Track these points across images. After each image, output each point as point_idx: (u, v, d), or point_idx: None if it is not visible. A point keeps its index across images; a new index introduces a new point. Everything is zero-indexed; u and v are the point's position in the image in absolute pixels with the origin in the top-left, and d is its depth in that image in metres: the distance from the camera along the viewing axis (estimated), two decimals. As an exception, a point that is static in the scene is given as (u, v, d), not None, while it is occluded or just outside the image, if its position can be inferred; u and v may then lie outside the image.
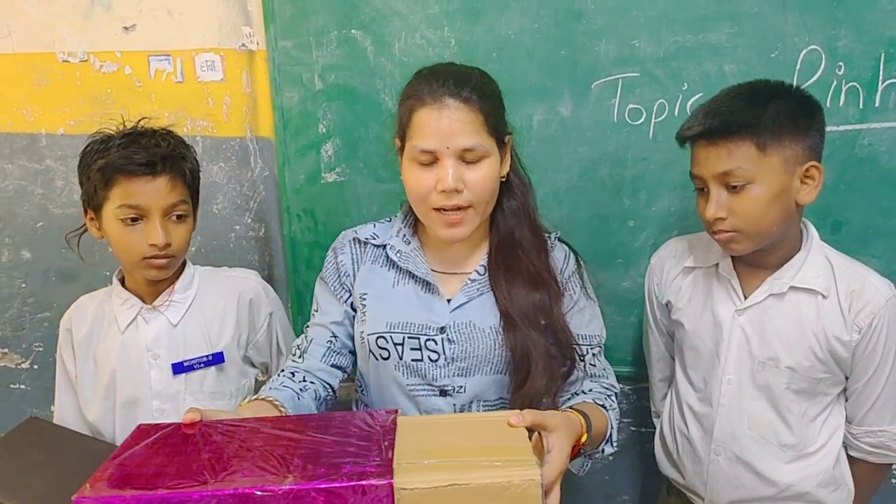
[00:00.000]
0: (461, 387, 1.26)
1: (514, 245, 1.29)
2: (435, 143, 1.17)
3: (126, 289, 1.47)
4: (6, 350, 2.05)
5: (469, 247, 1.31)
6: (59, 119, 1.86)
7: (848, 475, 1.36)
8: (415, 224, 1.35)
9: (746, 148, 1.20)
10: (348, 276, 1.35)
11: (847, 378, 1.31)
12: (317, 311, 1.38)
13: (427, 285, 1.29)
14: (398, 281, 1.31)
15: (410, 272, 1.30)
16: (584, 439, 1.11)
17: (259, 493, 0.85)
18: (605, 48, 1.54)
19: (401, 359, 1.27)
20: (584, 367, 1.29)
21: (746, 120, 1.19)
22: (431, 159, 1.19)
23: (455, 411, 1.26)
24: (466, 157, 1.18)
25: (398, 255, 1.31)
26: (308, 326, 1.38)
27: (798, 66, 1.47)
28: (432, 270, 1.30)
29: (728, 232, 1.24)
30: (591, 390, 1.29)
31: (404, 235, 1.33)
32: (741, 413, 1.34)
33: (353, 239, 1.36)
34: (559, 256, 1.33)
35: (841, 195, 1.50)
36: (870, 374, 1.28)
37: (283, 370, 1.32)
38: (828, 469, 1.33)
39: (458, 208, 1.19)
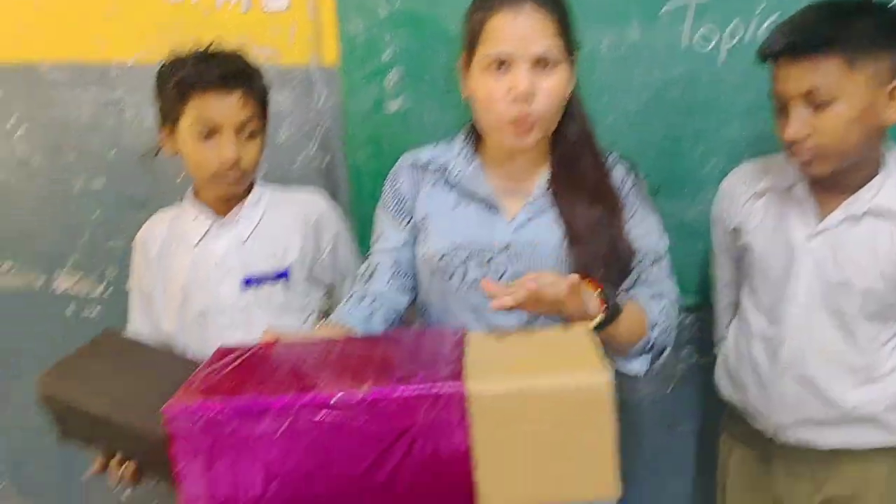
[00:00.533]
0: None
1: (576, 162, 1.28)
2: (511, 46, 1.16)
3: (198, 204, 1.50)
4: (81, 275, 2.12)
5: (530, 164, 1.30)
6: (129, 50, 1.89)
7: None
8: (476, 144, 1.34)
9: (833, 64, 1.16)
10: (408, 200, 1.35)
11: None
12: (378, 238, 1.38)
13: (488, 205, 1.29)
14: (459, 202, 1.31)
15: (472, 192, 1.30)
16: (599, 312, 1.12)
17: (336, 400, 0.88)
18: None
19: (465, 278, 1.28)
20: (638, 276, 1.28)
21: (833, 34, 1.15)
22: (504, 66, 1.17)
23: (522, 326, 1.25)
24: (540, 65, 1.17)
25: (459, 174, 1.31)
26: (371, 253, 1.39)
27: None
28: (494, 190, 1.30)
29: (809, 152, 1.21)
30: (636, 295, 1.27)
31: (466, 155, 1.33)
32: (810, 337, 1.31)
33: (412, 164, 1.36)
34: (619, 173, 1.31)
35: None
36: None
37: (350, 295, 1.34)
38: None
39: (528, 118, 1.18)
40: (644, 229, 1.30)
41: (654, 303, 1.25)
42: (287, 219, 1.52)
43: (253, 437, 0.88)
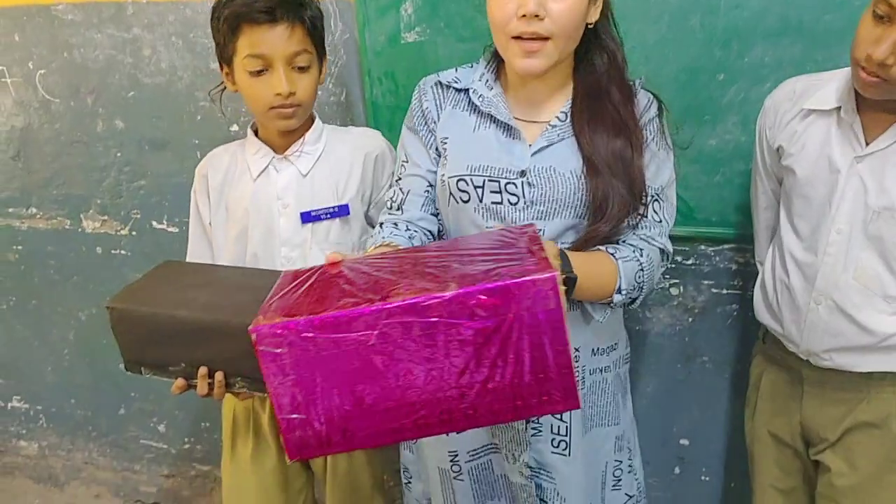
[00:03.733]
0: (540, 230, 1.22)
1: (601, 93, 1.24)
2: None
3: (259, 139, 1.49)
4: (106, 217, 2.12)
5: (550, 91, 1.27)
6: (143, -13, 1.86)
7: None
8: (497, 70, 1.31)
9: None
10: (434, 120, 1.32)
11: None
12: (406, 161, 1.35)
13: (508, 129, 1.26)
14: (479, 125, 1.28)
15: (492, 116, 1.26)
16: None
17: (426, 301, 0.85)
18: None
19: (481, 201, 1.25)
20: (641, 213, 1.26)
21: None
22: None
23: None
24: None
25: (480, 99, 1.27)
26: (400, 178, 1.36)
27: None
28: (514, 116, 1.27)
29: (879, 78, 1.14)
30: (621, 241, 1.25)
31: (487, 80, 1.29)
32: (847, 263, 1.28)
33: (436, 83, 1.33)
34: (642, 101, 1.27)
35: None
36: None
37: (382, 223, 1.31)
38: None
39: (538, 37, 1.15)
40: (655, 164, 1.27)
41: (627, 252, 1.23)
42: (347, 155, 1.51)
43: (341, 350, 0.87)
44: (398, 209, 1.33)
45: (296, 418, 0.90)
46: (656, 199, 1.27)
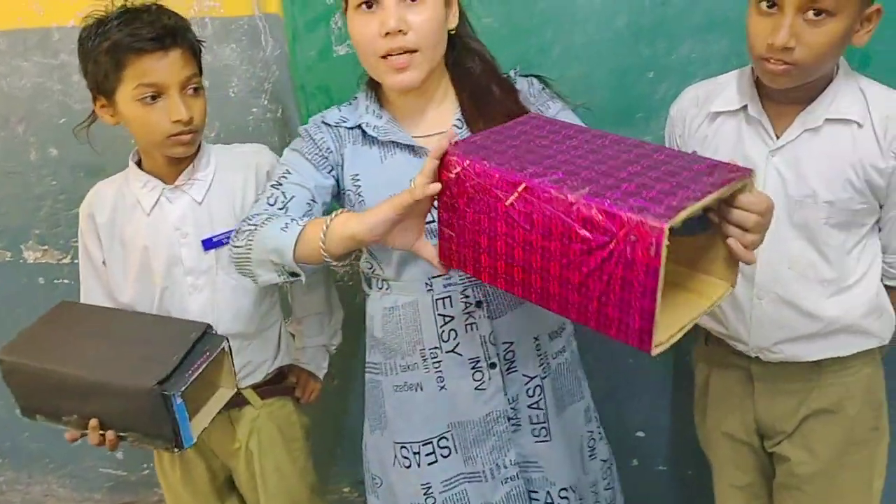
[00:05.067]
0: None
1: (485, 93, 1.25)
2: None
3: (144, 171, 1.44)
4: (46, 247, 2.06)
5: (436, 102, 1.28)
6: (68, 11, 1.79)
7: (888, 302, 1.33)
8: (378, 98, 1.29)
9: None
10: (332, 153, 1.28)
11: (881, 207, 1.26)
12: (289, 172, 1.27)
13: (414, 150, 1.24)
14: (385, 155, 1.26)
15: (394, 142, 1.24)
16: None
17: (554, 193, 0.90)
18: None
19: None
20: None
21: None
22: (373, 4, 1.15)
23: None
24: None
25: (375, 130, 1.25)
26: (280, 184, 1.26)
27: None
28: (413, 136, 1.25)
29: (787, 64, 1.16)
30: None
31: (373, 111, 1.28)
32: (780, 254, 1.29)
33: (324, 122, 1.29)
34: (524, 87, 1.28)
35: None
36: None
37: (267, 217, 1.20)
38: (871, 299, 1.30)
39: (405, 51, 1.15)
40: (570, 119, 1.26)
41: None
42: (239, 175, 1.47)
43: (486, 197, 0.96)
44: (282, 209, 1.23)
45: (447, 232, 1.04)
46: None
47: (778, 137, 1.27)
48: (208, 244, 1.44)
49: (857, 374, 1.36)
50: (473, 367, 1.29)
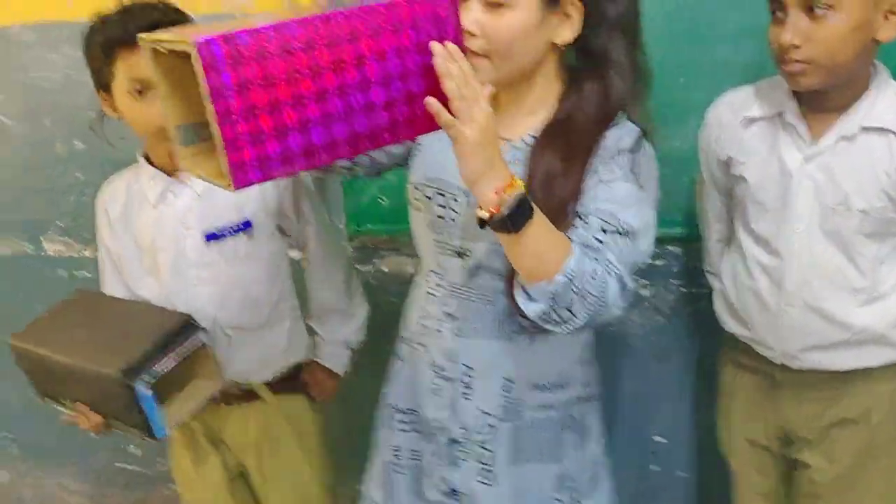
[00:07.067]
0: (468, 251, 1.21)
1: (573, 113, 1.14)
2: None
3: (152, 164, 1.45)
4: (70, 240, 2.07)
5: (527, 113, 1.18)
6: (97, 4, 1.81)
7: None
8: None
9: None
10: None
11: None
12: None
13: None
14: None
15: None
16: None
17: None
18: None
19: (429, 213, 1.23)
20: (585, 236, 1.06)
21: None
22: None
23: (467, 274, 1.21)
24: (491, 2, 1.06)
25: None
26: None
27: None
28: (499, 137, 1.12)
29: (800, 63, 1.16)
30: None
31: None
32: (812, 261, 1.28)
33: None
34: (615, 133, 1.12)
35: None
36: None
37: None
38: None
39: (475, 55, 1.07)
40: (613, 196, 1.09)
41: (586, 259, 1.03)
42: None
43: (273, 44, 0.88)
44: None
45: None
46: (621, 234, 1.07)
47: (815, 144, 1.26)
48: (211, 237, 1.45)
49: (884, 386, 1.34)
50: (433, 370, 1.28)
